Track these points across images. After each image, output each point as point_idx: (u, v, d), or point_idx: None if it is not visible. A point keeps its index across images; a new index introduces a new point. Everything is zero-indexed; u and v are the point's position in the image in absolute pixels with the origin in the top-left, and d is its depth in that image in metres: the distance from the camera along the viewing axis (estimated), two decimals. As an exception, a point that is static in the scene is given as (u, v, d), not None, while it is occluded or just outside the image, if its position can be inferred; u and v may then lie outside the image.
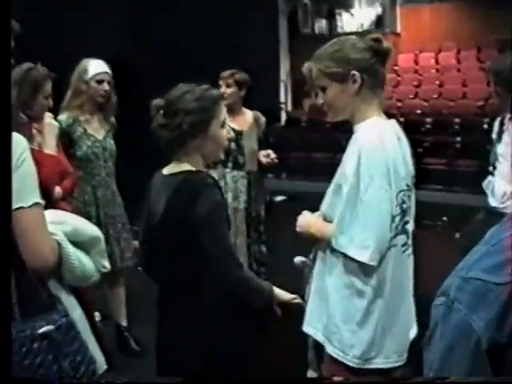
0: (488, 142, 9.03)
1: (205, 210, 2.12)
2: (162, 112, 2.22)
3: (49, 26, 7.02)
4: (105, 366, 1.94)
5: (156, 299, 2.35)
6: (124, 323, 4.10)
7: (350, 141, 2.29)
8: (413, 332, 2.37)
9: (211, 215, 2.14)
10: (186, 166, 2.24)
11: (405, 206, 2.24)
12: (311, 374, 2.58)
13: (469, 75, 11.17)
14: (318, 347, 2.50)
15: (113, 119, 3.97)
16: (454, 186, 9.18)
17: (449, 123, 9.92)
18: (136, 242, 5.10)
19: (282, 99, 12.73)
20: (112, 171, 3.91)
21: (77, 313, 1.88)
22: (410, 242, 2.29)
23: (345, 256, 2.21)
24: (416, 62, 12.65)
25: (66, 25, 7.35)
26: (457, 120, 9.92)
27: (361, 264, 2.18)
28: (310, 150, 11.08)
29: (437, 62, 11.89)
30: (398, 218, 2.20)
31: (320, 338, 2.36)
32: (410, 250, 2.30)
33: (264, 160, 4.31)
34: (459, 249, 2.16)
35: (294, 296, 2.42)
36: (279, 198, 9.15)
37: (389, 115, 2.38)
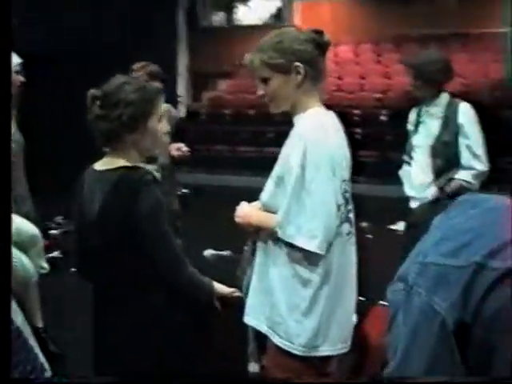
0: (386, 133, 9.33)
1: (147, 208, 2.06)
2: (99, 103, 2.12)
3: None
4: (50, 372, 1.82)
5: (92, 299, 2.25)
6: (40, 324, 3.91)
7: (291, 132, 2.27)
8: (355, 318, 2.40)
9: (154, 213, 2.09)
10: (122, 162, 2.16)
11: (347, 195, 2.28)
12: (253, 366, 2.56)
13: (366, 68, 11.50)
14: (260, 338, 2.49)
15: (15, 112, 3.76)
16: (356, 176, 9.42)
17: (349, 115, 10.20)
18: (45, 241, 4.94)
19: (181, 92, 12.63)
20: (23, 166, 3.71)
21: (19, 319, 1.76)
22: (353, 230, 2.33)
23: (290, 246, 2.21)
24: (315, 56, 12.89)
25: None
26: (356, 112, 10.19)
27: (307, 253, 2.18)
28: (211, 143, 11.07)
29: (335, 55, 12.19)
30: (342, 207, 2.23)
31: (264, 329, 2.34)
32: (354, 239, 2.34)
33: (176, 153, 4.30)
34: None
35: (233, 289, 2.42)
36: (182, 191, 9.09)
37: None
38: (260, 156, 9.81)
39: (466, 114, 3.61)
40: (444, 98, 3.67)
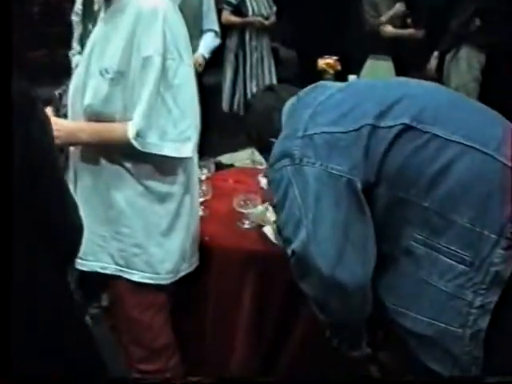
0: None
1: None
2: None
3: None
4: None
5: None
6: None
7: (120, 12, 1.77)
8: None
9: None
10: None
11: None
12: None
13: None
14: (88, 284, 2.03)
15: None
16: None
17: None
18: None
19: None
20: None
21: None
22: None
23: (136, 159, 1.81)
24: None
25: None
26: None
27: (166, 162, 1.83)
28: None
29: None
30: None
31: (112, 269, 1.91)
32: None
33: None
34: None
35: None
36: None
37: None
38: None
39: None
40: None
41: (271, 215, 2.19)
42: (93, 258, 1.91)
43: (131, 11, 1.75)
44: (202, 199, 2.35)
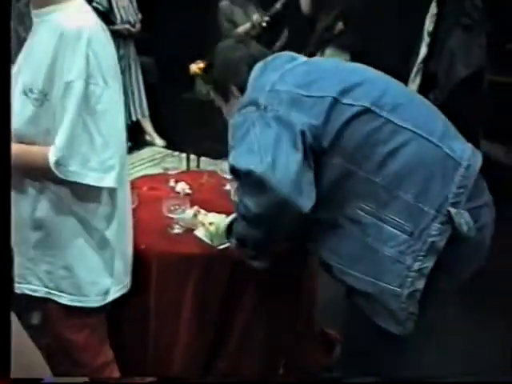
0: None
1: None
2: None
3: None
4: None
5: None
6: None
7: (46, 28, 1.70)
8: None
9: None
10: None
11: None
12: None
13: None
14: (18, 304, 1.97)
15: None
16: None
17: None
18: None
19: None
20: None
21: None
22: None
23: (58, 182, 1.75)
24: None
25: None
26: None
27: (88, 189, 1.77)
28: None
29: None
30: None
31: (43, 292, 1.90)
32: None
33: None
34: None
35: None
36: None
37: None
38: None
39: None
40: None
41: (203, 218, 2.24)
42: (23, 280, 1.88)
43: (55, 30, 1.67)
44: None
